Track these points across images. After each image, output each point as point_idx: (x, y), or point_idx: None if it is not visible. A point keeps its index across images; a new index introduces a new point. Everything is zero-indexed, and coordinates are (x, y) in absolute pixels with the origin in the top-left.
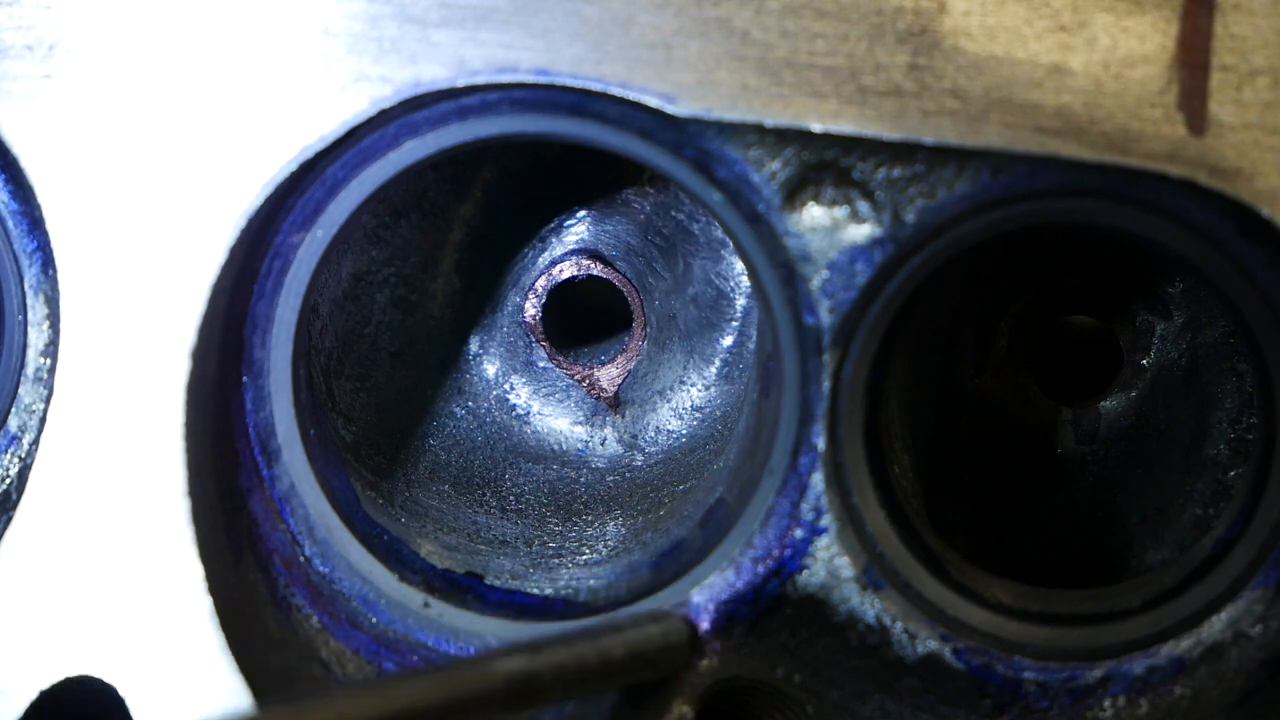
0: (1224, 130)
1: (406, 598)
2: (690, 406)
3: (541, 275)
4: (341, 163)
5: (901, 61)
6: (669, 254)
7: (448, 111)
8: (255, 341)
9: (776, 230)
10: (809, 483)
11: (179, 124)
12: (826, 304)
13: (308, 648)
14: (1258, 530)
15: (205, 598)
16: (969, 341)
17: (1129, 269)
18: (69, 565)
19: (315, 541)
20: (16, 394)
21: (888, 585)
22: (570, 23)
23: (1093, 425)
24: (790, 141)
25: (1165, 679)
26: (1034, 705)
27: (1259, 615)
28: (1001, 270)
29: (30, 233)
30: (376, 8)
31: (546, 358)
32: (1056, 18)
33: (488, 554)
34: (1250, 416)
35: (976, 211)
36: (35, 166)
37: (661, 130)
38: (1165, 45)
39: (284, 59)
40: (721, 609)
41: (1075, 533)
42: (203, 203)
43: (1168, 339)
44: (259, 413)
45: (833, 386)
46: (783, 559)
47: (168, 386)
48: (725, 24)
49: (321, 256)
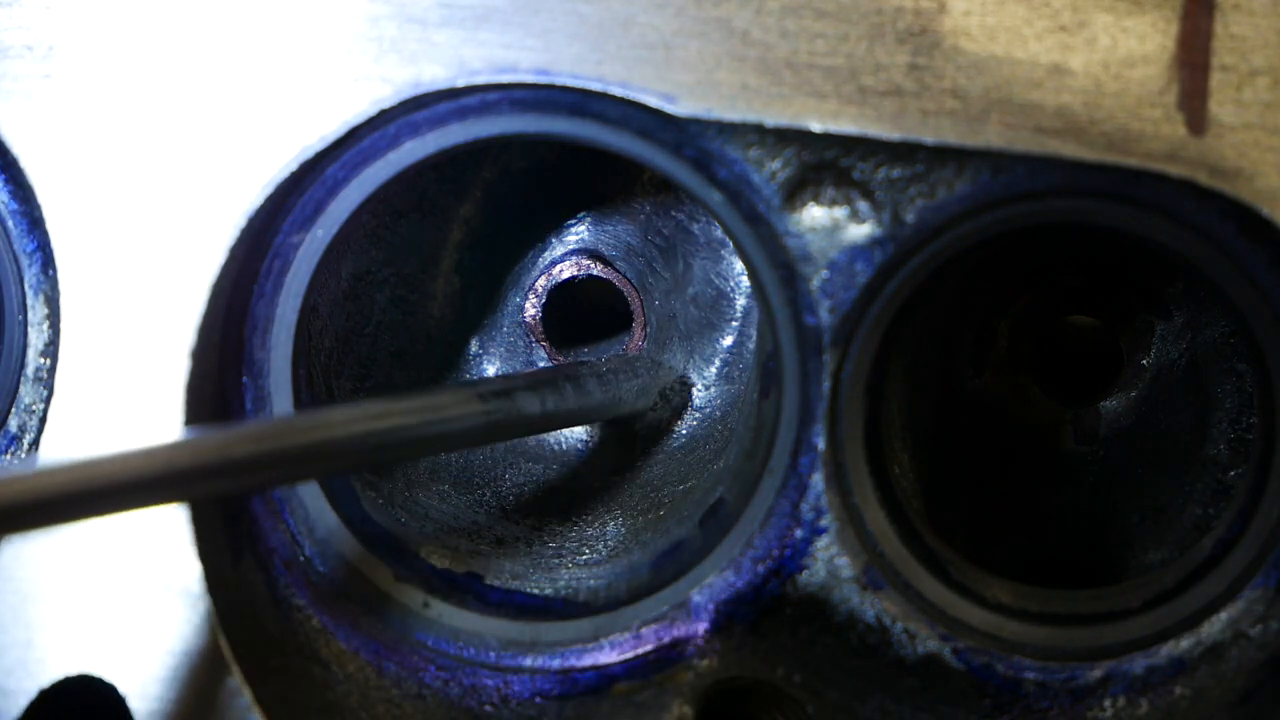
0: (1224, 130)
1: (406, 597)
2: (690, 406)
3: (541, 275)
4: (341, 163)
5: (901, 61)
6: (669, 254)
7: (448, 111)
8: (255, 341)
9: (776, 230)
10: (809, 483)
11: (179, 124)
12: (826, 304)
13: (308, 648)
14: (1258, 530)
15: (205, 598)
16: (969, 341)
17: (1129, 269)
18: (69, 565)
19: (315, 541)
20: (16, 394)
21: (888, 585)
22: (570, 23)
23: (1093, 425)
24: (790, 141)
25: (1165, 679)
26: (1034, 705)
27: (1259, 615)
28: (1001, 270)
29: (30, 233)
30: (376, 8)
31: (546, 358)
32: (1056, 18)
33: (487, 554)
34: (1250, 416)
35: (976, 211)
36: (35, 166)
37: (661, 130)
38: (1165, 45)
39: (284, 59)
40: (721, 609)
41: (1075, 533)
42: (203, 203)
43: (1168, 339)
44: (259, 413)
45: (833, 386)
46: (783, 559)
47: (168, 386)
48: (725, 24)
49: (321, 256)
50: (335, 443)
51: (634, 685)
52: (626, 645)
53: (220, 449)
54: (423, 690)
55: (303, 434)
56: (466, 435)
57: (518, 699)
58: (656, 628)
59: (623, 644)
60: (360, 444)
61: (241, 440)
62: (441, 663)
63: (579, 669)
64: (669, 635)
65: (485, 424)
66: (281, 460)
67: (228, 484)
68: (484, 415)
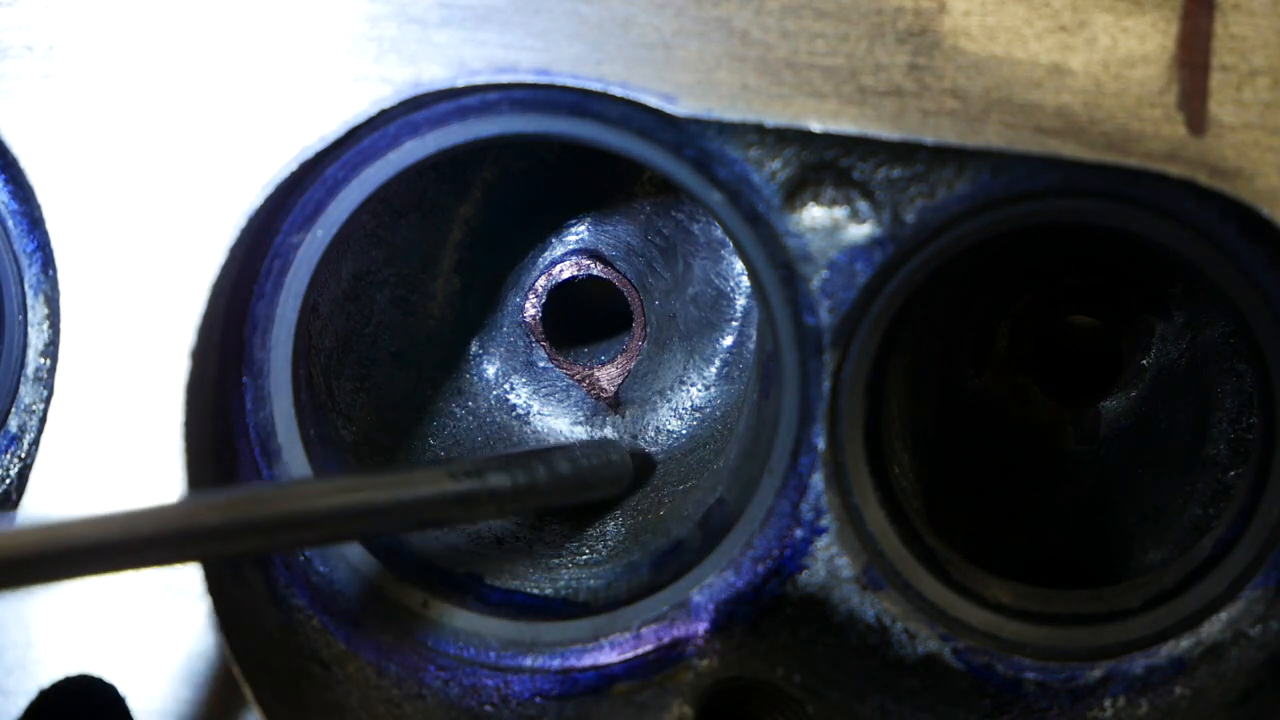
0: (1224, 130)
1: (406, 598)
2: (690, 406)
3: (541, 275)
4: (341, 163)
5: (901, 61)
6: (669, 254)
7: (448, 111)
8: (255, 341)
9: (776, 230)
10: (809, 483)
11: (179, 124)
12: (826, 304)
13: (308, 648)
14: (1258, 530)
15: (205, 598)
16: (969, 341)
17: (1129, 269)
18: None
19: None
20: (16, 394)
21: (888, 585)
22: (570, 23)
23: (1093, 425)
24: (790, 141)
25: (1165, 679)
26: (1034, 705)
27: (1259, 615)
28: (1001, 270)
29: (30, 233)
30: (376, 8)
31: (546, 358)
32: (1056, 18)
33: (487, 554)
34: (1250, 416)
35: (976, 211)
36: (35, 166)
37: (661, 130)
38: (1165, 45)
39: (284, 59)
40: (721, 609)
41: (1075, 533)
42: (203, 202)
43: (1168, 339)
44: (259, 413)
45: (833, 386)
46: (783, 559)
47: (168, 386)
48: (725, 24)
49: (321, 256)
50: (301, 516)
51: (634, 685)
52: (626, 645)
53: (186, 518)
54: (423, 690)
55: (269, 505)
56: (436, 512)
57: (518, 699)
58: (656, 628)
59: (623, 644)
60: (327, 518)
61: (207, 510)
62: (441, 663)
63: (579, 669)
64: (669, 635)
65: (455, 500)
66: (248, 531)
67: (192, 553)
68: (454, 493)
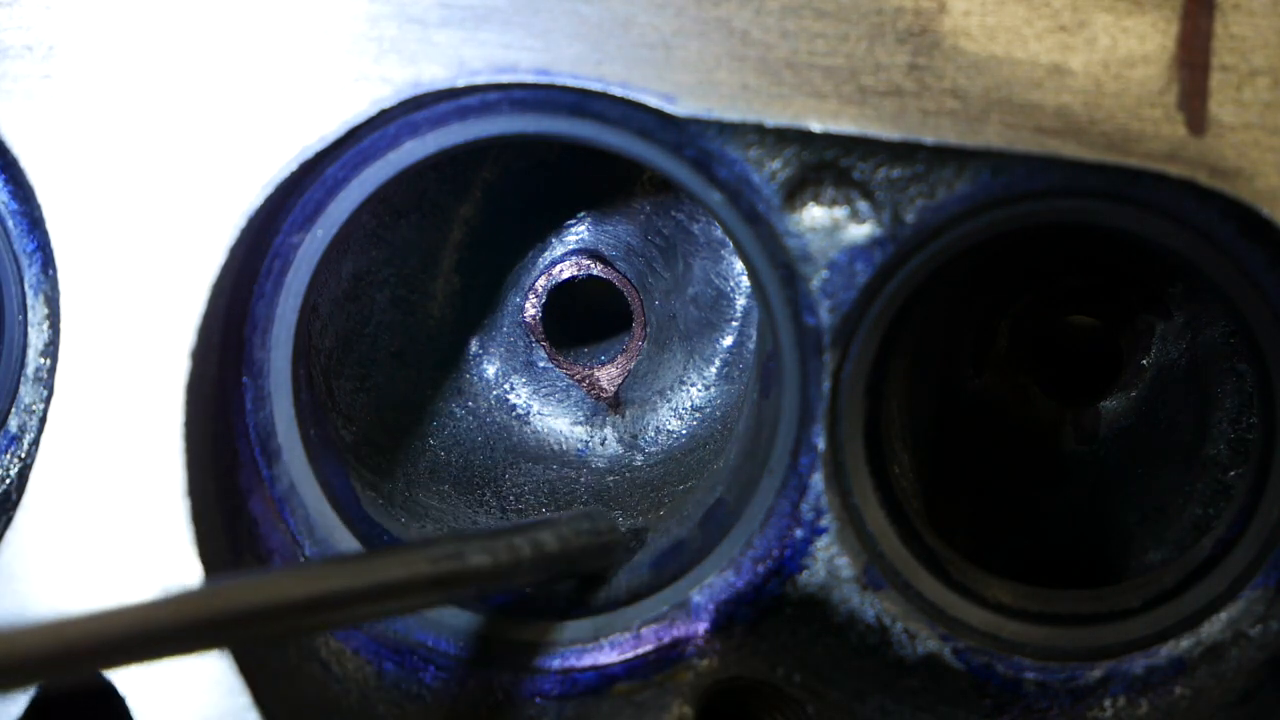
0: (1224, 130)
1: None
2: (690, 406)
3: (541, 275)
4: (341, 163)
5: (901, 61)
6: (669, 254)
7: (447, 111)
8: (255, 341)
9: (776, 230)
10: (809, 483)
11: (179, 124)
12: (826, 304)
13: (307, 647)
14: (1258, 530)
15: None
16: (969, 341)
17: (1129, 269)
18: (69, 565)
19: (315, 541)
20: (16, 394)
21: (888, 585)
22: (570, 23)
23: (1093, 425)
24: (790, 141)
25: (1165, 679)
26: (1034, 705)
27: (1259, 615)
28: (1001, 270)
29: (30, 233)
30: (376, 8)
31: (546, 358)
32: (1056, 18)
33: None
34: (1250, 416)
35: (976, 211)
36: (35, 166)
37: (661, 130)
38: (1165, 45)
39: (284, 59)
40: (721, 609)
41: (1075, 533)
42: (203, 203)
43: (1168, 339)
44: (259, 413)
45: (833, 386)
46: (783, 559)
47: (168, 386)
48: (725, 24)
49: (321, 256)
50: (275, 607)
51: (634, 685)
52: (626, 645)
53: (138, 622)
54: (423, 690)
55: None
56: (414, 596)
57: (518, 699)
58: (656, 628)
59: (623, 644)
60: (303, 606)
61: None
62: (441, 663)
63: (579, 669)
64: (669, 635)
65: (432, 583)
66: (215, 627)
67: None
68: (430, 575)
